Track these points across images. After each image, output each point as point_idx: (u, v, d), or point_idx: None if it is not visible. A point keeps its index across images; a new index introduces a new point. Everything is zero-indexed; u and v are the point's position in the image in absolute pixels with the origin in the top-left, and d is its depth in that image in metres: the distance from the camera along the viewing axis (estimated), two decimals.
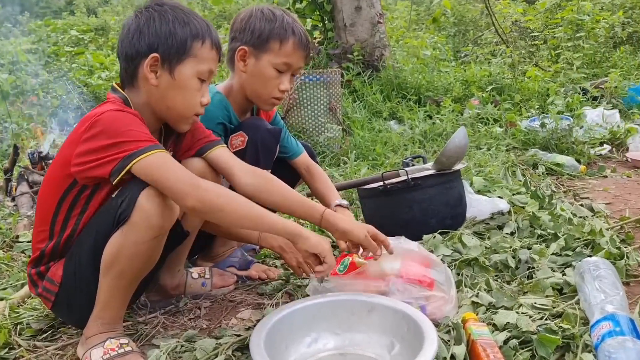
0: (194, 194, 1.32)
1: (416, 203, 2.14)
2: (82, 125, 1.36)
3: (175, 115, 1.49)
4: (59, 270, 1.45)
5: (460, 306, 1.59)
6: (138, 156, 1.30)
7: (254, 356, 1.20)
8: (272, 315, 1.38)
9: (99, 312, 1.43)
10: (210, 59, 1.48)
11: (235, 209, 1.38)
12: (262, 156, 1.84)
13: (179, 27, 1.43)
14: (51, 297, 1.47)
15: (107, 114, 1.34)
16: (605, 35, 6.14)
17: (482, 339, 1.36)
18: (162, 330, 1.61)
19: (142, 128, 1.36)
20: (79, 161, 1.35)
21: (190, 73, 1.45)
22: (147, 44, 1.42)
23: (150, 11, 1.44)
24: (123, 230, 1.35)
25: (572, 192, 2.87)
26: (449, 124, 4.06)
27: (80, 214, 1.42)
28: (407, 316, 1.37)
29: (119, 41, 1.48)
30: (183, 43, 1.43)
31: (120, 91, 1.47)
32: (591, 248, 1.96)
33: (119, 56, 1.48)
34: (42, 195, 1.49)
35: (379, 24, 5.33)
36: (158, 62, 1.42)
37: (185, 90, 1.45)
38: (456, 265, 1.86)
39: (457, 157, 2.14)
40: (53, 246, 1.45)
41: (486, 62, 6.37)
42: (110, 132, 1.31)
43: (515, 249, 1.95)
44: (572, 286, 1.67)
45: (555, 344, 1.35)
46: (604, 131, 3.81)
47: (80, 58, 8.00)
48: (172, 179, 1.32)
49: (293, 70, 1.84)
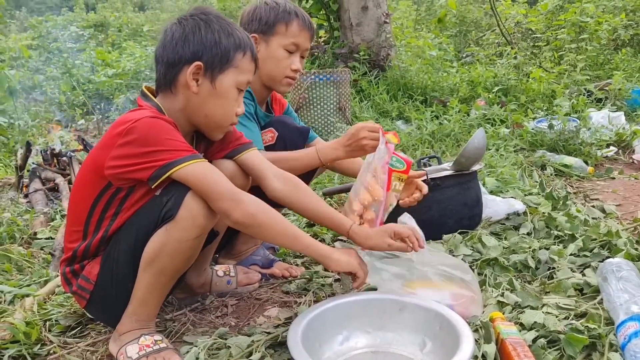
0: (238, 209, 1.36)
1: (435, 203, 2.17)
2: (116, 130, 1.37)
3: (211, 123, 1.51)
4: (95, 268, 1.46)
5: (486, 305, 1.62)
6: (176, 165, 1.33)
7: (295, 355, 1.22)
8: (305, 313, 1.41)
9: (134, 309, 1.45)
10: (249, 71, 1.52)
11: (274, 226, 1.42)
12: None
13: (223, 37, 1.45)
14: (86, 295, 1.47)
15: (143, 121, 1.34)
16: (607, 38, 6.18)
17: (511, 337, 1.39)
18: (191, 327, 1.63)
19: (178, 137, 1.38)
20: (114, 164, 1.36)
21: (230, 83, 1.48)
22: (191, 51, 1.43)
23: (196, 19, 1.46)
24: (167, 227, 1.36)
25: (582, 193, 2.91)
26: (457, 124, 4.09)
27: (114, 215, 1.43)
28: (439, 315, 1.39)
29: (159, 46, 1.48)
30: (226, 53, 1.45)
31: (152, 99, 1.48)
32: (608, 249, 1.99)
33: (157, 61, 1.49)
34: (75, 197, 1.50)
35: (385, 24, 5.36)
36: (201, 70, 1.44)
37: (224, 99, 1.48)
38: (477, 265, 1.89)
39: (476, 158, 2.16)
40: (86, 246, 1.46)
41: (490, 63, 6.40)
42: (147, 140, 1.33)
43: (534, 250, 1.98)
44: (593, 286, 1.70)
45: (583, 343, 1.38)
46: (610, 133, 3.85)
47: (84, 55, 7.98)
48: (215, 194, 1.35)
49: (301, 51, 1.94)
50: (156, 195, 1.40)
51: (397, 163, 1.82)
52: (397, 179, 1.83)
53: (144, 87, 1.52)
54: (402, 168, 1.83)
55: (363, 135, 1.75)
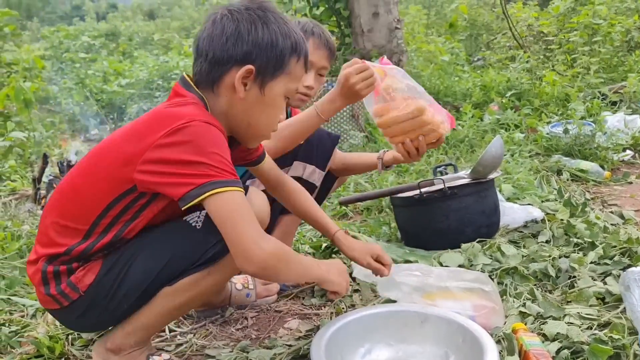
0: (256, 258, 1.19)
1: (452, 212, 2.16)
2: (160, 123, 1.21)
3: (253, 132, 1.38)
4: (88, 278, 1.28)
5: (508, 316, 1.61)
6: (217, 188, 1.17)
7: None
8: (327, 326, 1.41)
9: (135, 330, 1.35)
10: (300, 78, 1.38)
11: (287, 272, 1.28)
12: (317, 155, 1.89)
13: (281, 39, 1.29)
14: (64, 302, 1.30)
15: (196, 125, 1.19)
16: (621, 40, 6.14)
17: (535, 349, 1.38)
18: (212, 339, 1.64)
19: (227, 153, 1.23)
20: (149, 169, 1.20)
21: (280, 91, 1.34)
22: (244, 52, 1.27)
23: (252, 15, 1.28)
24: (210, 270, 1.30)
25: (600, 198, 2.88)
26: (470, 130, 4.08)
27: (130, 220, 1.28)
28: (462, 327, 1.39)
29: (204, 37, 1.30)
30: (282, 58, 1.30)
31: (195, 89, 1.31)
32: (628, 257, 1.97)
33: (199, 53, 1.31)
34: (85, 188, 1.29)
35: (397, 30, 5.37)
36: (252, 74, 1.28)
37: (271, 108, 1.35)
38: (497, 275, 1.88)
39: (494, 166, 2.16)
40: (87, 247, 1.28)
41: (503, 67, 6.38)
42: (196, 148, 1.17)
43: (554, 258, 1.97)
44: (615, 295, 1.69)
45: (607, 354, 1.37)
46: (626, 137, 3.82)
47: (96, 65, 8.06)
48: (242, 231, 1.18)
49: (317, 69, 1.91)
50: (197, 228, 1.30)
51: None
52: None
53: (184, 75, 1.36)
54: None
55: (353, 81, 1.60)
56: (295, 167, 1.90)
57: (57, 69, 8.42)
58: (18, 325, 1.73)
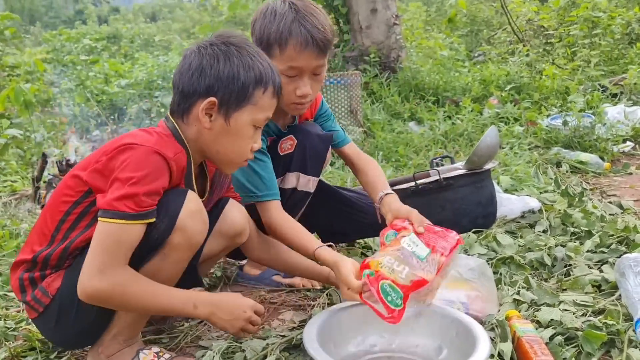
0: (82, 288, 1.25)
1: (448, 203, 2.15)
2: (117, 142, 1.32)
3: (223, 160, 1.45)
4: (56, 282, 1.34)
5: (502, 304, 1.60)
6: (109, 218, 1.24)
7: (312, 351, 1.21)
8: (320, 314, 1.40)
9: (121, 329, 1.39)
10: (269, 107, 1.43)
11: (126, 307, 1.33)
12: (310, 162, 1.83)
13: (242, 72, 1.36)
14: (39, 308, 1.36)
15: (139, 151, 1.28)
16: (621, 32, 6.11)
17: (528, 335, 1.38)
18: (207, 331, 1.63)
19: (153, 183, 1.27)
20: (91, 175, 1.31)
21: (246, 121, 1.39)
22: (206, 85, 1.35)
23: (215, 49, 1.37)
24: (164, 252, 1.32)
25: (599, 189, 2.87)
26: (470, 124, 4.07)
27: (86, 227, 1.34)
28: (456, 320, 1.38)
29: (176, 72, 1.42)
30: (244, 90, 1.36)
31: (172, 122, 1.41)
32: (626, 245, 1.96)
33: (173, 86, 1.42)
34: (57, 195, 1.38)
35: (395, 26, 5.36)
36: (215, 106, 1.36)
37: (237, 137, 1.40)
38: (493, 264, 1.87)
39: (489, 156, 2.15)
40: (48, 254, 1.35)
41: (503, 61, 6.36)
42: (126, 169, 1.26)
43: (550, 247, 1.96)
44: (611, 283, 1.68)
45: (601, 340, 1.36)
46: (626, 128, 3.80)
47: (97, 67, 8.08)
48: (89, 259, 1.25)
49: (308, 73, 1.67)
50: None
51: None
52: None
53: (169, 113, 1.46)
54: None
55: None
56: (288, 178, 1.84)
57: (58, 71, 8.45)
58: (13, 320, 1.73)
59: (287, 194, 1.82)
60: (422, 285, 1.35)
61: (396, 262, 1.38)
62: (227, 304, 1.40)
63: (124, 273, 1.27)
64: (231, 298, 1.45)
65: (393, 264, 1.37)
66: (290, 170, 1.84)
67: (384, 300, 1.33)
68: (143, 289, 1.30)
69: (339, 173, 3.39)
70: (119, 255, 1.26)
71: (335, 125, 1.99)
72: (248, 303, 1.43)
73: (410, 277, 1.35)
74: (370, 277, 1.37)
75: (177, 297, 1.36)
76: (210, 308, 1.37)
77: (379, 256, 1.42)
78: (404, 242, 1.43)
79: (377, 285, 1.35)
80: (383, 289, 1.34)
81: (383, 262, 1.38)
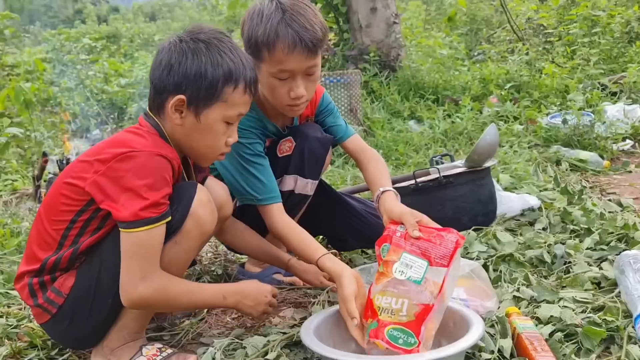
0: (127, 296, 1.30)
1: (448, 201, 2.16)
2: (113, 149, 1.31)
3: (197, 155, 1.46)
4: (69, 280, 1.36)
5: (502, 301, 1.61)
6: (131, 228, 1.26)
7: (312, 345, 1.22)
8: (319, 313, 1.41)
9: (127, 322, 1.40)
10: (242, 104, 1.41)
11: (169, 308, 1.50)
12: (308, 165, 1.81)
13: (210, 69, 1.34)
14: (53, 309, 1.37)
15: (142, 157, 1.29)
16: (621, 31, 6.11)
17: (528, 332, 1.38)
18: (207, 329, 1.64)
19: (165, 186, 1.30)
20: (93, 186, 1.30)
21: (216, 118, 1.38)
22: (174, 82, 1.35)
23: (183, 46, 1.36)
24: (176, 240, 1.34)
25: (599, 187, 2.88)
26: (469, 122, 4.07)
27: (96, 230, 1.35)
28: (451, 312, 1.38)
29: (151, 67, 1.42)
30: (212, 87, 1.35)
31: (153, 118, 1.41)
32: (625, 242, 1.97)
33: (150, 82, 1.43)
34: (55, 204, 1.37)
35: (395, 25, 5.36)
36: (184, 103, 1.35)
37: (209, 134, 1.40)
38: (493, 262, 1.87)
39: (489, 154, 2.15)
40: (57, 258, 1.36)
41: (502, 60, 6.37)
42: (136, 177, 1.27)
43: (549, 245, 1.97)
44: (610, 280, 1.69)
45: (600, 336, 1.37)
46: (625, 126, 3.81)
47: (97, 66, 8.08)
48: (127, 267, 1.29)
49: (301, 72, 1.60)
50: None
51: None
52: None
53: (147, 109, 1.46)
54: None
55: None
56: (286, 181, 1.82)
57: (58, 71, 8.45)
58: (15, 318, 1.74)
59: (285, 196, 1.79)
60: (427, 312, 1.28)
61: (393, 300, 1.31)
62: (251, 291, 1.49)
63: (162, 276, 1.33)
64: (253, 285, 1.53)
65: (391, 302, 1.31)
66: (288, 172, 1.82)
67: (397, 347, 1.26)
68: (181, 289, 1.37)
69: (338, 172, 3.40)
70: (154, 260, 1.31)
71: (337, 120, 1.94)
72: (267, 288, 1.52)
73: (412, 310, 1.29)
74: (373, 330, 1.31)
75: (208, 291, 1.47)
76: (237, 297, 1.46)
77: (376, 292, 1.35)
78: (395, 272, 1.34)
79: (384, 334, 1.28)
80: (391, 336, 1.28)
81: (381, 306, 1.32)
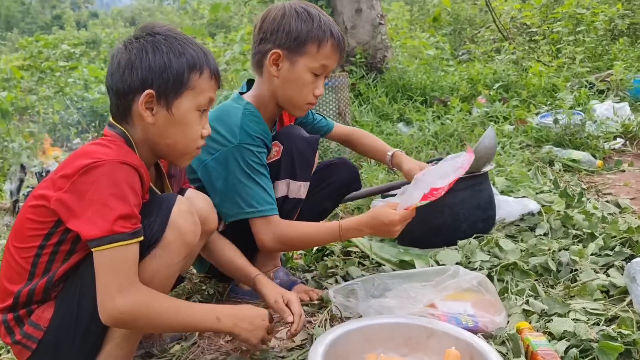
0: (106, 312, 1.19)
1: (447, 207, 2.08)
2: (76, 161, 1.22)
3: (176, 152, 1.38)
4: (47, 312, 1.27)
5: (511, 315, 1.54)
6: (102, 245, 1.17)
7: None
8: (327, 333, 1.32)
9: (111, 350, 1.31)
10: (210, 89, 1.38)
11: (151, 328, 1.34)
12: (299, 166, 1.77)
13: (174, 59, 1.31)
14: (32, 344, 1.27)
15: (107, 166, 1.20)
16: (605, 28, 6.12)
17: (542, 349, 1.31)
18: (200, 354, 1.54)
19: (133, 197, 1.22)
20: (58, 204, 1.21)
21: (189, 107, 1.34)
22: (140, 79, 1.30)
23: (141, 42, 1.32)
24: (156, 254, 1.26)
25: (594, 188, 2.83)
26: (459, 124, 4.01)
27: (67, 255, 1.26)
28: (470, 345, 1.29)
29: (107, 74, 1.36)
30: (180, 76, 1.32)
31: (118, 126, 1.34)
32: (629, 247, 1.91)
33: (108, 90, 1.36)
34: (22, 230, 1.28)
35: (380, 26, 5.29)
36: (153, 98, 1.31)
37: (184, 125, 1.35)
38: (497, 271, 1.80)
39: (488, 158, 2.08)
40: (30, 289, 1.27)
41: (489, 59, 6.33)
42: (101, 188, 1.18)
43: (553, 251, 1.90)
44: (620, 287, 1.63)
45: (617, 351, 1.31)
46: (615, 125, 3.78)
47: (76, 72, 7.90)
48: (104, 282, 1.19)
49: (329, 72, 1.76)
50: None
51: None
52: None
53: (110, 119, 1.38)
54: None
55: (396, 229, 1.65)
56: (278, 187, 1.78)
57: (37, 78, 8.27)
58: None
59: (279, 203, 1.75)
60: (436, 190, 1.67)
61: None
62: (248, 315, 1.39)
63: (141, 289, 1.22)
64: (249, 309, 1.43)
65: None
66: (279, 178, 1.78)
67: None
68: (166, 305, 1.26)
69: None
70: (131, 272, 1.21)
71: (315, 116, 2.05)
72: (264, 312, 1.42)
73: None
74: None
75: (198, 311, 1.34)
76: (233, 319, 1.35)
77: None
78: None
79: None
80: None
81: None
